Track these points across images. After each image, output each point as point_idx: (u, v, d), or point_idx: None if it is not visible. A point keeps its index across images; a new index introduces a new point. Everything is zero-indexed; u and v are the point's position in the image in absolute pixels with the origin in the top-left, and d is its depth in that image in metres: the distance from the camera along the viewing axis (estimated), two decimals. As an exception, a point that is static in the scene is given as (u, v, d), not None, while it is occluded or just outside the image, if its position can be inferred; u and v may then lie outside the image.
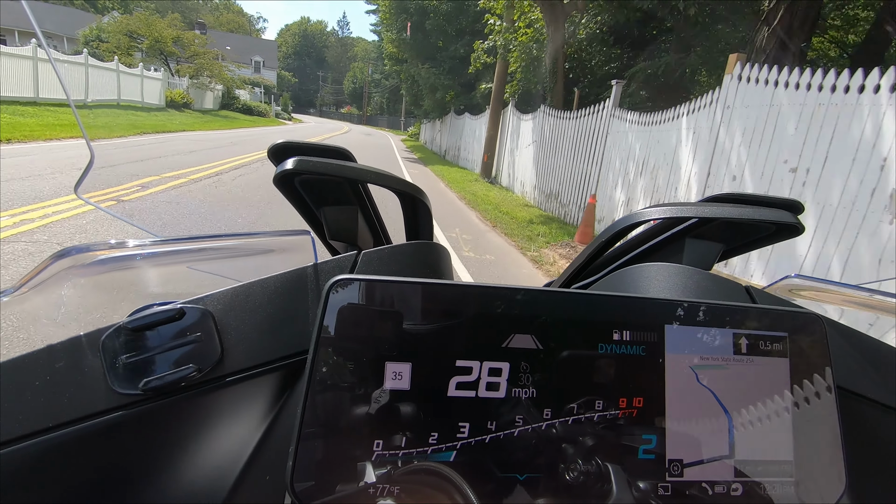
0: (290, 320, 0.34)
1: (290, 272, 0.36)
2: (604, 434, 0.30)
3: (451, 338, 0.29)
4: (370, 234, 0.51)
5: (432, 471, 0.28)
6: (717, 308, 0.33)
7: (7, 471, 0.27)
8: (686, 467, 0.31)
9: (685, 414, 0.31)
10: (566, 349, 0.30)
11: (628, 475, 0.30)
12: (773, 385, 0.33)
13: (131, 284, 0.50)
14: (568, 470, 0.29)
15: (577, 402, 0.30)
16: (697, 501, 0.31)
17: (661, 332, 0.32)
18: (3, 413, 0.28)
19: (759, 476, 0.32)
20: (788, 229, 0.46)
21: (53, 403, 0.29)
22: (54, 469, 0.28)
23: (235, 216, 5.16)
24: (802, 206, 0.45)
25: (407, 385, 0.28)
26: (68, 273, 0.46)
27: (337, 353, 0.28)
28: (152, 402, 0.30)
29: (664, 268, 0.44)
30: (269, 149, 0.39)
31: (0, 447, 0.28)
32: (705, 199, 0.46)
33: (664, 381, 0.31)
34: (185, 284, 0.51)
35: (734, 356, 0.33)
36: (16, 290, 0.47)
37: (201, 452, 0.32)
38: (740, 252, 0.53)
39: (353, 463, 0.27)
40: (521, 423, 0.29)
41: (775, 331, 0.34)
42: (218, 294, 0.34)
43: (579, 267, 0.53)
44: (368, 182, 0.42)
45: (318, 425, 0.27)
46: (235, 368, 0.32)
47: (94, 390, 0.30)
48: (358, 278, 0.29)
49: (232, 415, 0.33)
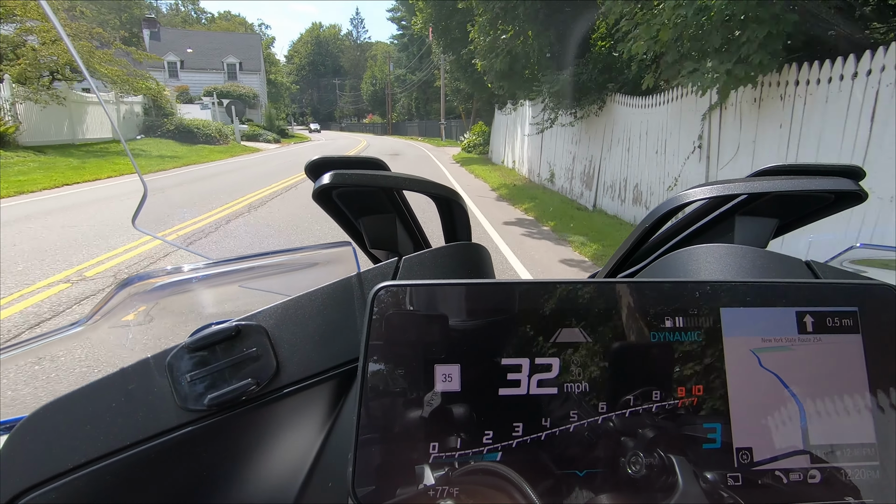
0: (340, 330, 0.35)
1: (335, 283, 0.37)
2: (664, 425, 0.29)
3: (498, 336, 0.29)
4: (409, 239, 0.52)
5: (490, 471, 0.28)
6: (776, 286, 0.32)
7: (91, 489, 0.30)
8: (756, 455, 0.29)
9: (750, 399, 0.30)
10: (617, 340, 0.30)
11: (694, 466, 0.29)
12: (845, 363, 0.31)
13: (189, 306, 0.53)
14: (629, 464, 0.29)
15: (632, 393, 0.29)
16: (772, 491, 0.29)
17: (717, 315, 0.31)
18: (87, 434, 0.31)
19: (838, 461, 0.30)
20: (850, 197, 0.43)
21: (129, 423, 0.31)
22: (133, 486, 0.30)
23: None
24: (864, 172, 0.42)
25: (458, 386, 0.28)
26: (133, 300, 0.49)
27: (386, 359, 0.28)
28: (217, 417, 0.32)
29: (715, 248, 0.42)
30: (306, 166, 0.41)
31: (84, 467, 0.30)
32: (754, 174, 0.44)
33: (724, 366, 0.30)
34: (238, 302, 0.53)
35: (799, 336, 0.31)
36: (88, 319, 0.50)
37: (266, 462, 0.33)
38: (798, 226, 0.50)
39: (410, 466, 0.27)
40: (576, 419, 0.29)
41: (843, 306, 0.32)
42: (269, 309, 0.35)
43: (624, 255, 0.52)
44: (403, 189, 0.43)
45: (374, 431, 0.28)
46: (291, 380, 0.33)
47: (164, 409, 0.32)
48: (401, 284, 0.29)
49: (292, 424, 0.34)
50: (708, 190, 0.42)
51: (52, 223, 5.90)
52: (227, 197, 7.77)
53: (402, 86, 57.26)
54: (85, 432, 0.31)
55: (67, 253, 4.63)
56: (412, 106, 53.80)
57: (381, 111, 67.74)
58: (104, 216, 6.40)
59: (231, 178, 11.42)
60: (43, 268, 4.17)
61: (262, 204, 7.36)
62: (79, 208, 6.96)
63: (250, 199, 7.75)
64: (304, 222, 6.03)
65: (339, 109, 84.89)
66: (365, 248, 0.49)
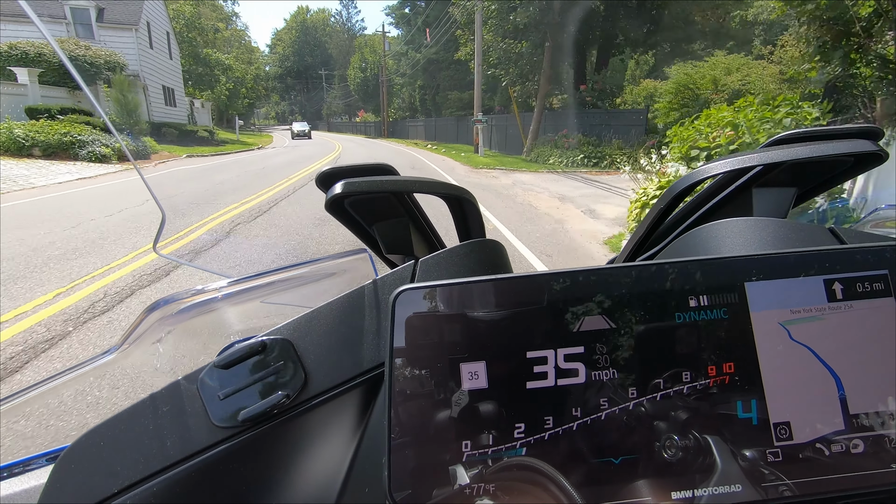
0: (363, 337, 0.35)
1: (355, 291, 0.37)
2: (697, 406, 0.29)
3: (521, 330, 0.29)
4: (424, 241, 0.52)
5: (524, 465, 0.28)
6: (800, 256, 0.31)
7: None
8: (795, 429, 0.29)
9: (784, 372, 0.29)
10: (641, 324, 0.29)
11: (731, 445, 0.28)
12: (879, 327, 0.30)
13: (215, 326, 0.54)
14: (665, 448, 0.28)
15: (662, 376, 0.29)
16: (814, 464, 0.28)
17: (742, 290, 0.30)
18: (127, 459, 0.32)
19: (881, 429, 0.29)
20: (869, 159, 0.42)
21: (167, 445, 0.32)
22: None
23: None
24: (882, 132, 0.41)
25: (485, 383, 0.28)
26: (161, 324, 0.50)
27: (411, 361, 0.29)
28: (251, 432, 0.32)
29: (734, 223, 0.41)
30: (317, 178, 0.41)
31: (126, 491, 0.31)
32: (769, 143, 0.43)
33: (754, 341, 0.29)
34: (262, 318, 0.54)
35: (829, 304, 0.30)
36: (119, 347, 0.52)
37: (302, 473, 0.34)
38: (818, 192, 0.49)
39: (445, 467, 0.28)
40: (607, 406, 0.28)
41: (873, 270, 0.31)
42: (293, 322, 0.36)
43: (641, 238, 0.51)
44: (414, 192, 0.43)
45: (405, 434, 0.28)
46: (320, 390, 0.34)
47: (199, 428, 0.32)
48: (419, 286, 0.30)
49: (324, 434, 0.34)
50: (722, 164, 0.41)
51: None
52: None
53: (402, 69, 41.38)
54: (126, 457, 0.32)
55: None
56: (415, 99, 40.13)
57: (375, 106, 51.10)
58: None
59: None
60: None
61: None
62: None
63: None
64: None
65: (327, 106, 70.52)
66: (381, 254, 0.50)
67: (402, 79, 41.96)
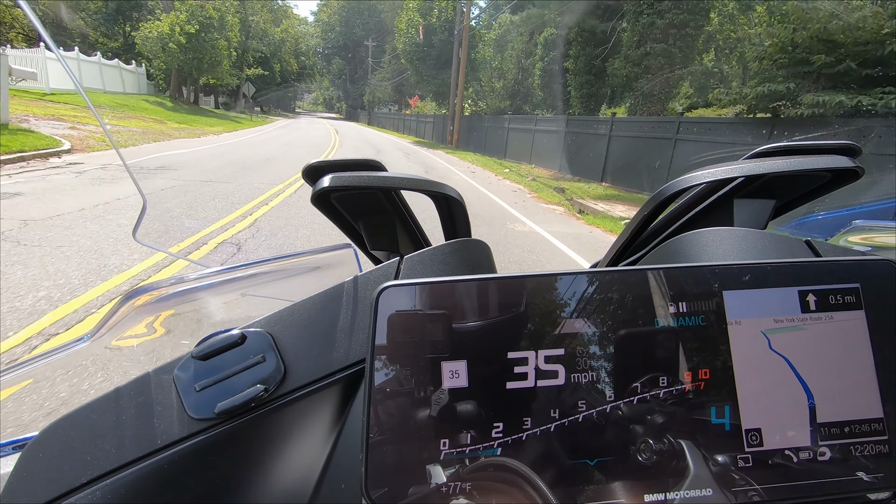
0: (345, 332, 0.35)
1: (338, 286, 0.37)
2: (672, 410, 0.29)
3: (503, 330, 0.29)
4: (409, 239, 0.52)
5: (501, 465, 0.28)
6: (777, 267, 0.32)
7: (105, 502, 0.30)
8: (765, 436, 0.29)
9: (758, 380, 0.30)
10: (621, 328, 0.30)
11: (703, 450, 0.29)
12: (850, 339, 0.31)
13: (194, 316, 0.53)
14: (639, 451, 0.29)
15: (639, 381, 0.29)
16: (782, 470, 0.29)
17: (720, 298, 0.31)
18: (99, 449, 0.31)
19: (847, 437, 0.30)
20: (847, 174, 0.43)
21: (141, 435, 0.31)
22: (148, 497, 0.31)
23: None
24: (860, 149, 0.42)
25: (465, 382, 0.28)
26: (137, 313, 0.49)
27: (392, 359, 0.29)
28: (227, 425, 0.32)
29: (714, 232, 0.42)
30: (304, 170, 0.41)
31: (98, 481, 0.30)
32: (751, 155, 0.44)
33: (730, 349, 0.30)
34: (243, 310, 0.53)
35: (802, 315, 0.31)
36: (93, 334, 0.51)
37: (277, 467, 0.33)
38: (796, 205, 0.50)
39: (422, 465, 0.28)
40: (585, 408, 0.29)
41: (845, 283, 0.32)
42: (274, 316, 0.36)
43: (624, 244, 0.52)
44: (401, 188, 0.43)
45: (383, 431, 0.28)
46: (299, 384, 0.33)
47: (174, 419, 0.32)
48: (403, 283, 0.30)
49: (302, 428, 0.34)
50: (705, 174, 0.42)
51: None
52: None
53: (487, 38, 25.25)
54: (97, 446, 0.31)
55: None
56: (532, 83, 22.28)
57: (439, 88, 28.65)
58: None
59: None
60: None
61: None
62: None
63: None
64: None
65: (371, 90, 49.47)
66: (366, 249, 0.49)
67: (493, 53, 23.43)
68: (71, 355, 0.51)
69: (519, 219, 6.96)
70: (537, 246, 5.44)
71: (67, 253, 3.62)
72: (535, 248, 5.33)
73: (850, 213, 2.90)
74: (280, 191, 6.85)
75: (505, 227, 6.23)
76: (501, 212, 7.45)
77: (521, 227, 6.43)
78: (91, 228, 4.27)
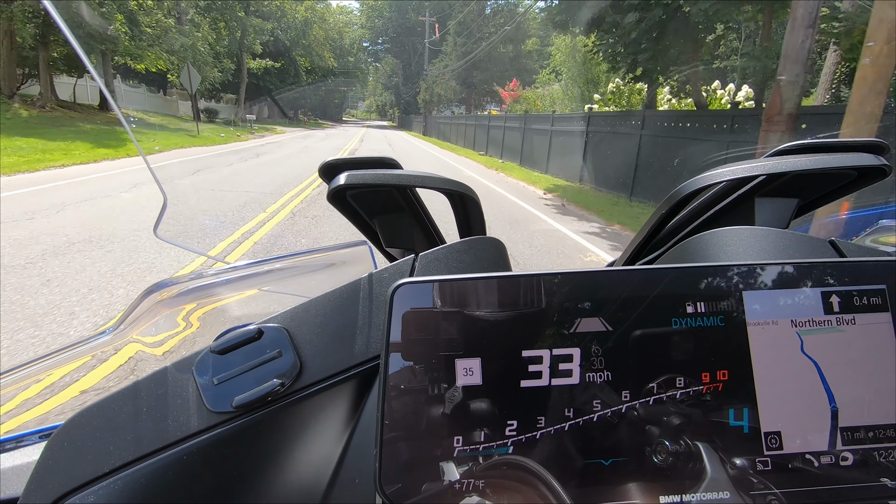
0: (360, 328, 0.35)
1: (353, 283, 0.37)
2: (689, 412, 0.29)
3: (518, 328, 0.29)
4: (424, 236, 0.52)
5: (514, 463, 0.28)
6: (799, 267, 0.31)
7: (127, 493, 0.31)
8: (785, 439, 0.29)
9: (778, 382, 0.29)
10: (638, 328, 0.29)
11: (721, 453, 0.28)
12: (874, 342, 0.30)
13: (213, 311, 0.54)
14: (655, 452, 0.28)
15: (656, 381, 0.29)
16: (802, 475, 0.29)
17: (740, 299, 0.30)
18: (120, 439, 0.32)
19: (870, 443, 0.29)
20: (874, 173, 0.41)
21: (160, 427, 0.32)
22: (166, 488, 0.31)
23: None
24: (888, 146, 0.41)
25: (479, 380, 0.28)
26: (159, 307, 0.50)
27: (407, 355, 0.29)
28: (244, 418, 0.32)
29: (735, 231, 0.41)
30: (320, 168, 0.41)
31: (119, 471, 0.31)
32: (773, 153, 0.43)
33: (750, 350, 0.29)
34: (260, 305, 0.54)
35: (825, 316, 0.30)
36: (115, 328, 0.52)
37: (293, 461, 0.34)
38: (820, 204, 0.49)
39: (435, 462, 0.28)
40: (600, 408, 0.29)
41: (870, 284, 0.31)
42: (290, 311, 0.36)
43: (642, 242, 0.51)
44: (416, 186, 0.43)
45: (397, 428, 0.28)
46: (315, 379, 0.34)
47: (193, 412, 0.32)
48: (418, 280, 0.30)
49: (317, 423, 0.34)
50: (725, 172, 0.41)
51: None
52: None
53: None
54: (119, 437, 0.32)
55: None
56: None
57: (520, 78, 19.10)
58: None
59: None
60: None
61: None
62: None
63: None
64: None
65: (427, 87, 37.24)
66: (381, 246, 0.50)
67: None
68: (94, 348, 0.52)
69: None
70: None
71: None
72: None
73: (876, 212, 2.83)
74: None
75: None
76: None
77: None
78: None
